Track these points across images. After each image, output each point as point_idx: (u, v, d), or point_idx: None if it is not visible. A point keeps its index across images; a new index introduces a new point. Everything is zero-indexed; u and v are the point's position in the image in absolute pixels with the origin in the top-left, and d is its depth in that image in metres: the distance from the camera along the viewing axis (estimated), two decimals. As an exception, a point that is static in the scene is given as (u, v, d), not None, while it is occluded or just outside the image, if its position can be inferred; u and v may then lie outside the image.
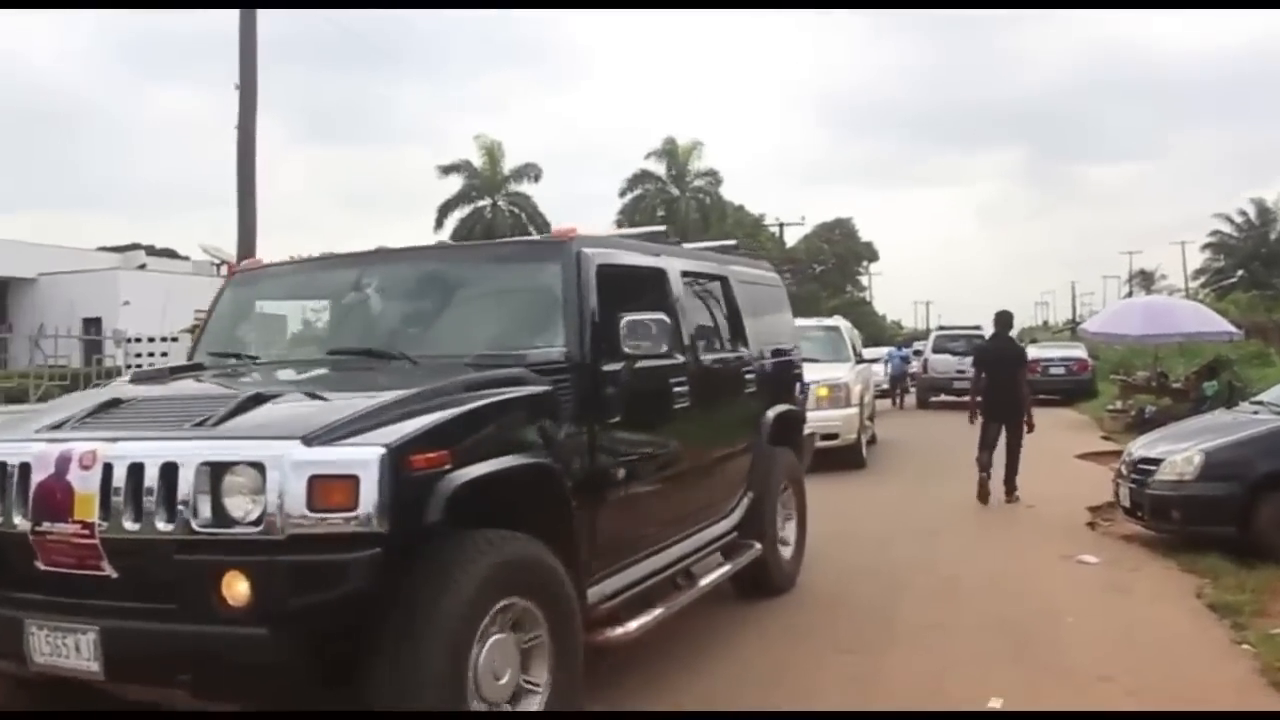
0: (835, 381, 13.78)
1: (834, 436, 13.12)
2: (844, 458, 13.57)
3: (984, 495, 11.08)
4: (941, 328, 36.05)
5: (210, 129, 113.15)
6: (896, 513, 10.89)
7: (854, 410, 14.01)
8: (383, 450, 3.51)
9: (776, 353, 7.64)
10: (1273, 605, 6.57)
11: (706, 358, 6.18)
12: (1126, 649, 5.89)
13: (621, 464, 4.97)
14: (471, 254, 5.67)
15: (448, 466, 3.75)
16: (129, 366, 15.45)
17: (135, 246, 45.11)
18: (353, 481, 3.46)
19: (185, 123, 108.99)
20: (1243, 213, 61.20)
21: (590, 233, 5.54)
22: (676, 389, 5.61)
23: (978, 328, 30.35)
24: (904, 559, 8.44)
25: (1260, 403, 9.42)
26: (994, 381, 11.36)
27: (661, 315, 4.92)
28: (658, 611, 5.22)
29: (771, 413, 7.22)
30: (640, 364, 4.95)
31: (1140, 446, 9.28)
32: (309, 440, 3.56)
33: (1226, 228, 61.59)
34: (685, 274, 6.22)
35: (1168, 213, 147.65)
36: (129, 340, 16.38)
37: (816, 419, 11.92)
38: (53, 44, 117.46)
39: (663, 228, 6.87)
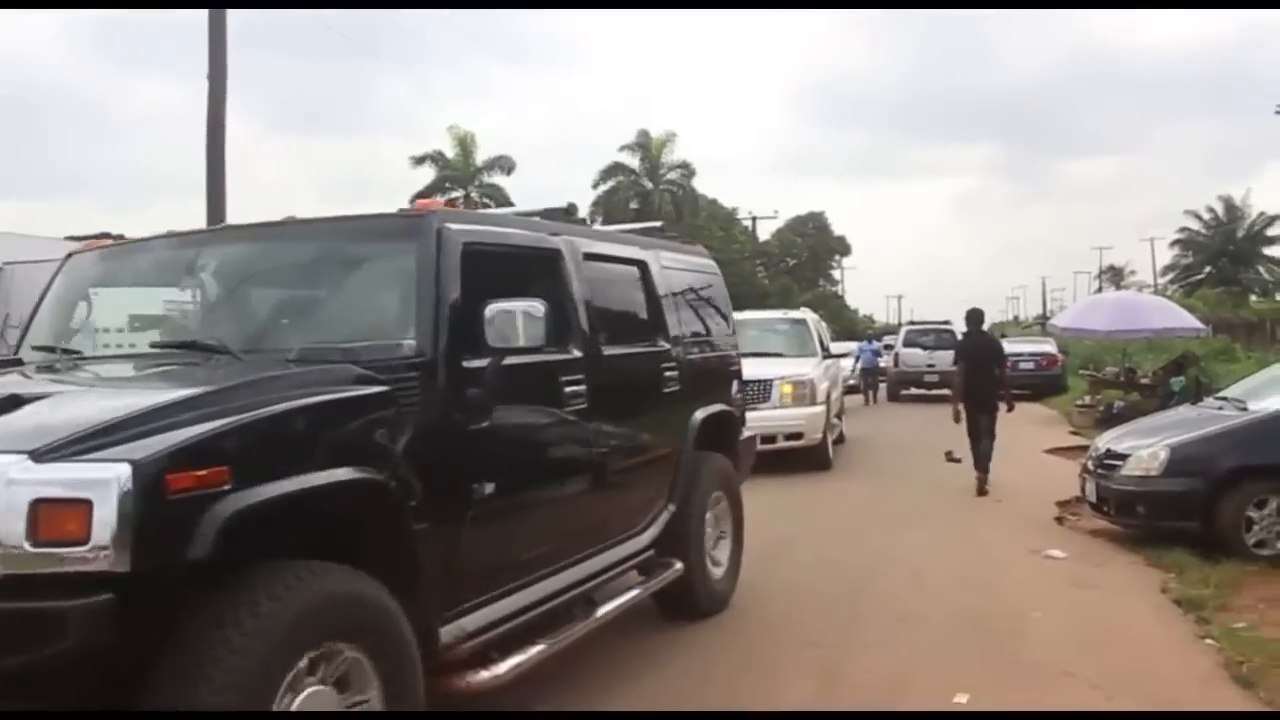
0: (800, 378, 13.22)
1: (798, 436, 12.84)
2: (809, 458, 13.19)
3: (983, 487, 11.49)
4: (912, 322, 36.93)
5: (185, 118, 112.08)
6: (862, 510, 10.88)
7: (820, 409, 13.35)
8: (126, 467, 2.84)
9: (707, 347, 6.96)
10: (1236, 600, 6.65)
11: (612, 352, 5.41)
12: (1091, 644, 5.91)
13: (489, 477, 4.19)
14: (318, 231, 4.76)
15: (226, 486, 3.03)
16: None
17: (104, 235, 44.48)
18: (85, 507, 2.79)
19: (159, 111, 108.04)
20: (1211, 210, 61.72)
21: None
22: (569, 388, 4.88)
23: (947, 323, 31.02)
24: (873, 553, 8.48)
25: (1224, 399, 9.51)
26: (973, 375, 11.85)
27: (536, 303, 4.11)
28: (539, 648, 4.46)
29: (700, 414, 6.43)
30: (515, 360, 4.21)
31: (1106, 441, 9.36)
32: (39, 455, 2.90)
33: (1195, 224, 62.10)
34: (589, 256, 5.51)
35: (1139, 209, 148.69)
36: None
37: (779, 418, 12.59)
38: (24, 29, 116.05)
39: (565, 205, 5.83)
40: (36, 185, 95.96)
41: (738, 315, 15.21)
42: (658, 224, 7.65)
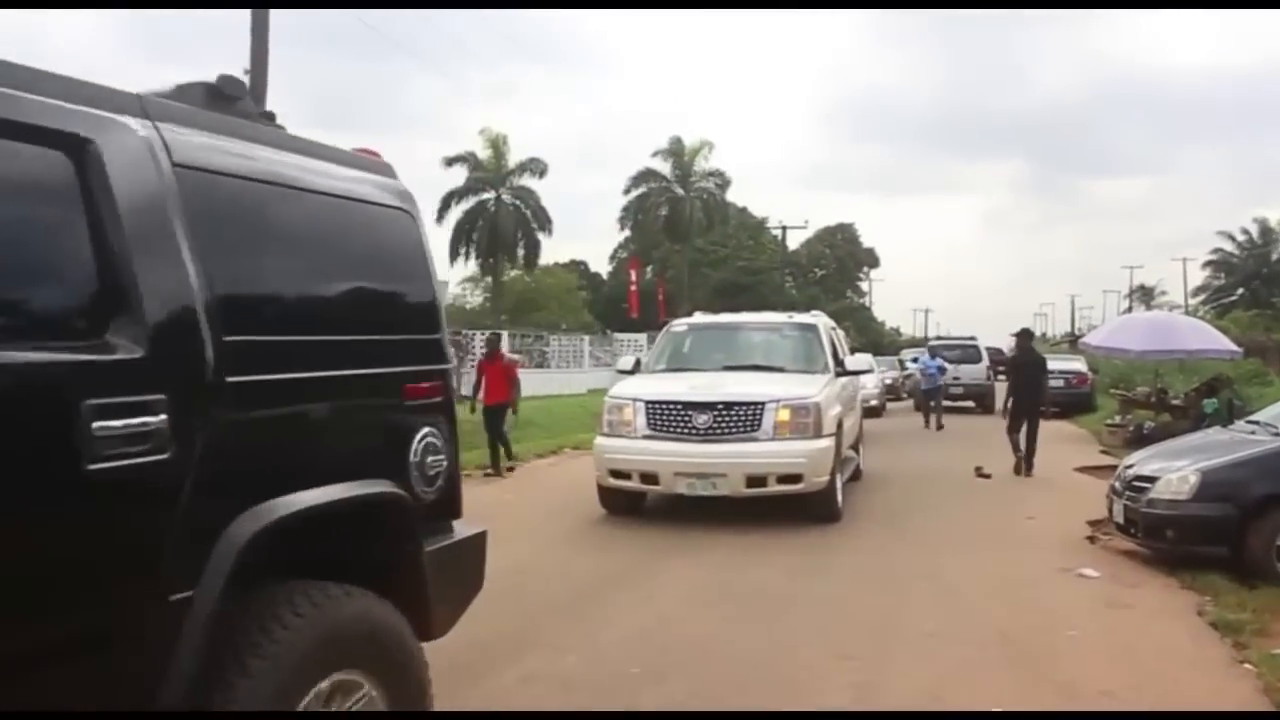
0: (801, 402, 10.01)
1: (796, 479, 9.76)
2: (810, 508, 10.11)
3: (1019, 469, 14.50)
4: (939, 338, 38.09)
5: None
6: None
7: (827, 442, 10.06)
8: None
9: (332, 355, 3.40)
10: (1274, 625, 6.55)
11: None
12: (1127, 664, 5.86)
13: None
14: None
15: None
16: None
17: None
18: None
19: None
20: (1245, 231, 61.40)
21: None
22: None
23: (973, 338, 31.47)
24: (905, 569, 8.43)
25: (1256, 422, 9.37)
26: (1020, 382, 14.86)
27: None
28: None
29: (250, 523, 2.87)
30: None
31: (1135, 463, 9.25)
32: None
33: (1228, 245, 61.79)
34: None
35: (1170, 229, 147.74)
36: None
37: (771, 454, 9.75)
38: (63, 23, 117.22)
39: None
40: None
41: (727, 316, 14.03)
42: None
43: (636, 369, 11.65)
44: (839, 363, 11.79)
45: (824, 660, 5.85)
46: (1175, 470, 8.43)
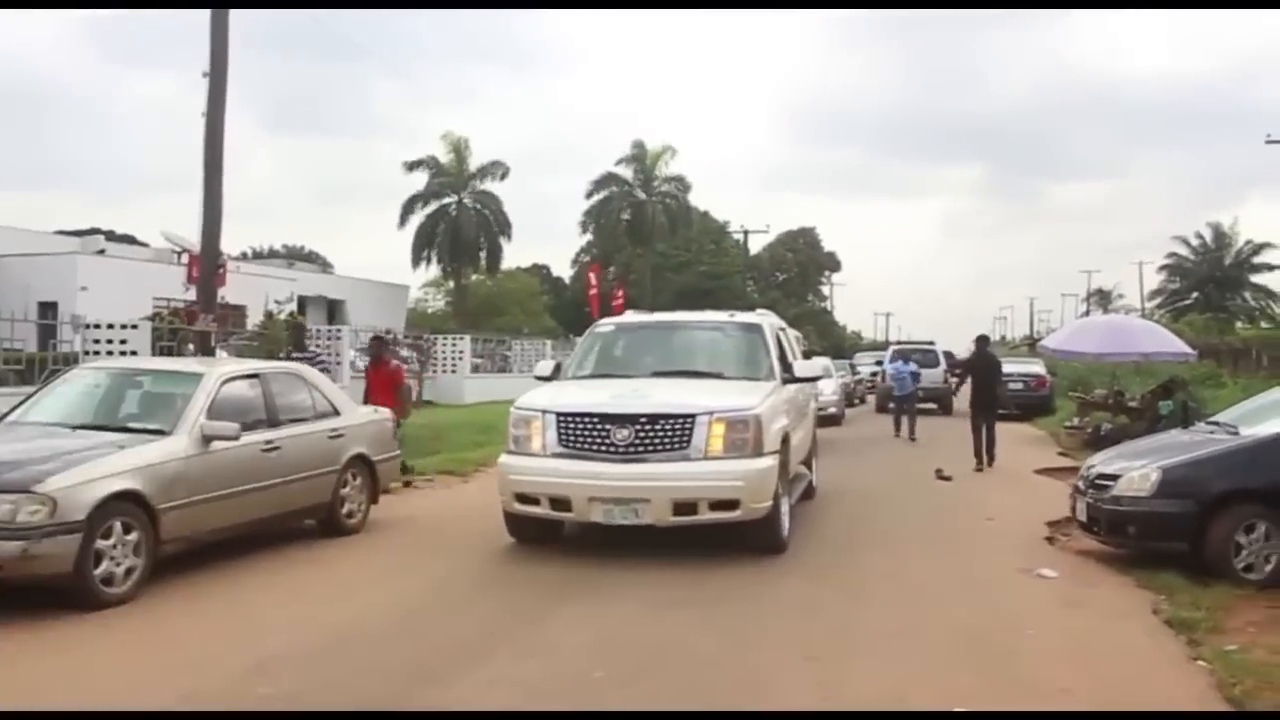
0: (739, 414, 8.44)
1: (732, 505, 8.27)
2: (750, 537, 8.66)
3: (980, 468, 15.45)
4: (899, 342, 40.36)
5: (177, 116, 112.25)
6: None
7: (768, 462, 8.53)
8: None
9: None
10: (1227, 622, 6.69)
11: None
12: (1085, 663, 5.96)
13: None
14: None
15: None
16: (87, 353, 15.25)
17: (94, 231, 44.43)
18: None
19: (151, 109, 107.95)
20: (1200, 236, 62.30)
21: None
22: None
23: (932, 343, 33.16)
24: (870, 570, 8.53)
25: (1216, 423, 9.57)
26: (978, 383, 16.10)
27: None
28: None
29: None
30: None
31: (1099, 462, 9.41)
32: None
33: (1183, 250, 62.63)
34: None
35: (1127, 233, 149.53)
36: (87, 326, 16.13)
37: (702, 476, 8.27)
38: (19, 24, 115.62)
39: None
40: (22, 178, 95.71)
41: (661, 315, 12.25)
42: None
43: (556, 374, 10.12)
44: (787, 368, 10.17)
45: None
46: (1137, 468, 8.59)
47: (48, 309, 24.04)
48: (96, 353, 15.13)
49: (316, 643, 6.17)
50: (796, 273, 79.02)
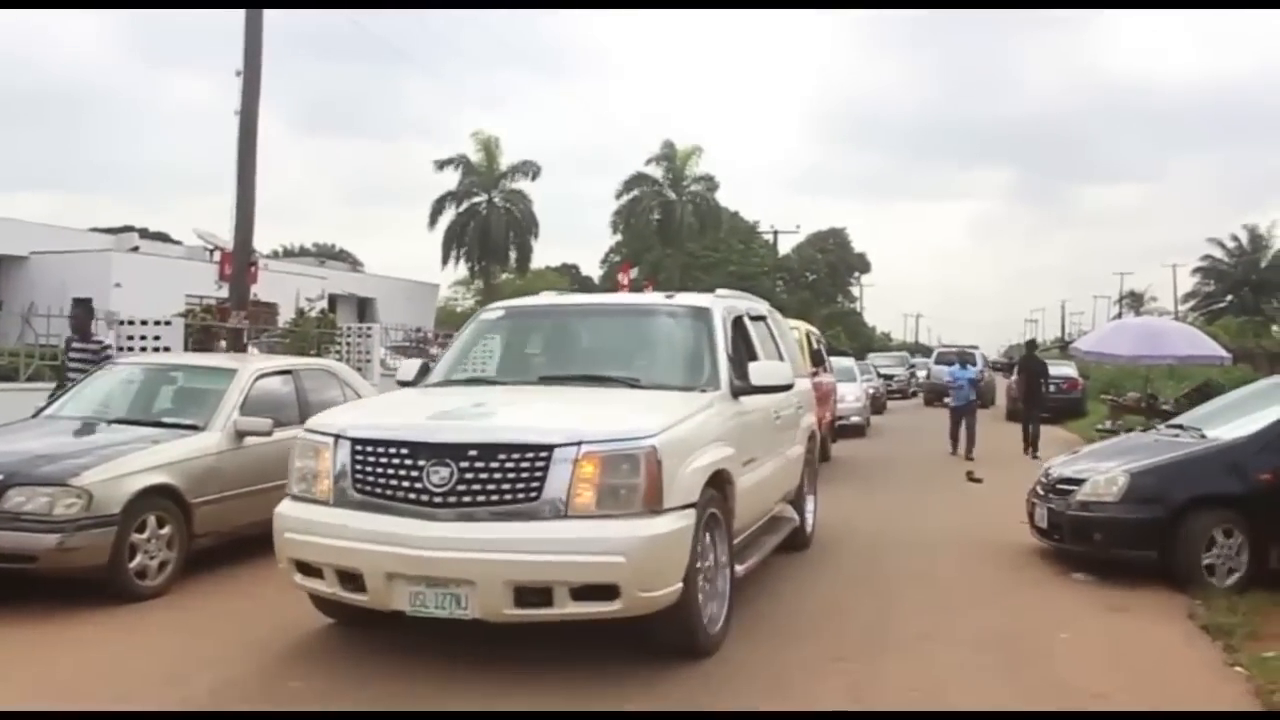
0: (621, 445, 5.39)
1: (608, 593, 5.26)
2: (656, 634, 5.66)
3: (1027, 450, 17.88)
4: (944, 346, 42.49)
5: (210, 117, 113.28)
6: None
7: (669, 524, 5.38)
8: None
9: None
10: (1265, 628, 6.59)
11: None
12: (1120, 667, 5.90)
13: None
14: None
15: None
16: (121, 349, 15.36)
17: (128, 229, 44.90)
18: None
19: (184, 110, 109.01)
20: (1235, 238, 61.71)
21: None
22: None
23: (975, 347, 34.98)
24: (894, 568, 8.46)
25: (1180, 426, 9.34)
26: (1027, 382, 19.03)
27: None
28: None
29: None
30: None
31: (1059, 465, 9.24)
32: None
33: (1218, 252, 62.03)
34: None
35: (1160, 235, 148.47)
36: (121, 322, 16.25)
37: (563, 544, 5.20)
38: (58, 27, 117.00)
39: None
40: (59, 178, 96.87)
41: (576, 297, 10.02)
42: None
43: (423, 376, 7.22)
44: (739, 373, 6.82)
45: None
46: (1102, 472, 8.40)
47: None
48: (129, 349, 15.24)
49: (348, 638, 6.20)
50: (826, 273, 78.65)
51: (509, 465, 5.30)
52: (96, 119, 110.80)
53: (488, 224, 48.54)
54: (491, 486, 5.30)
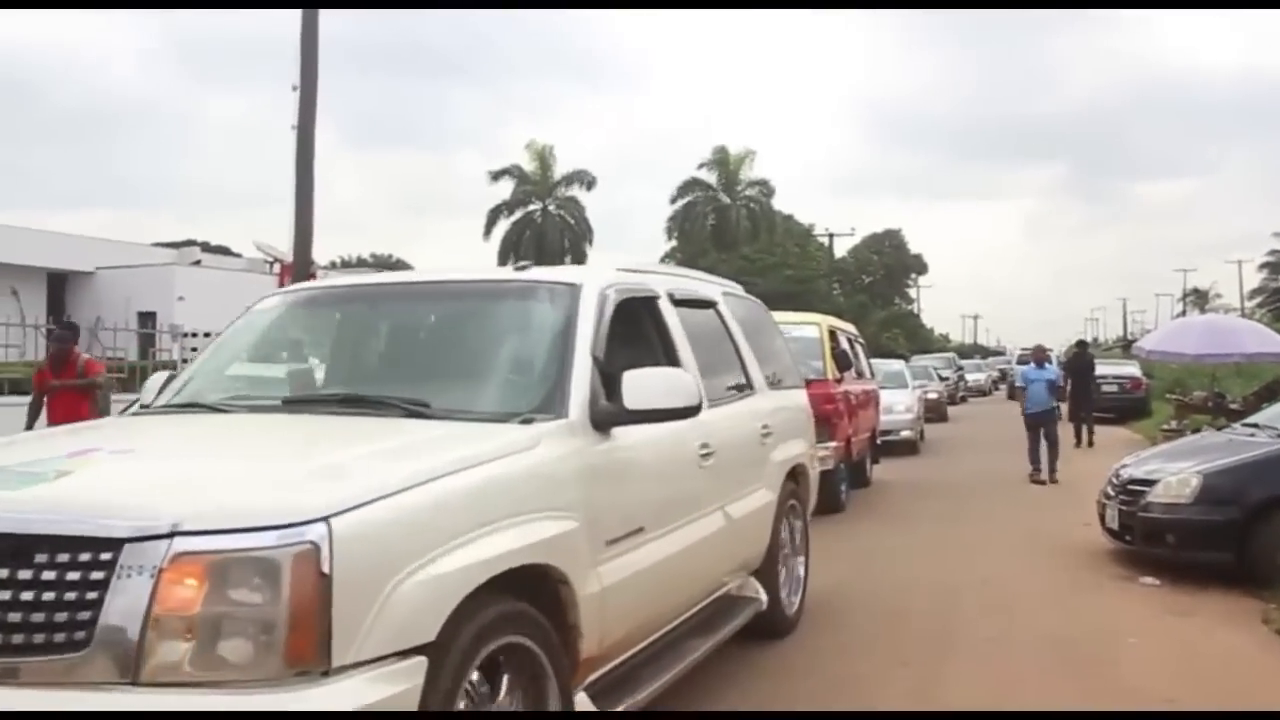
0: (249, 544, 2.60)
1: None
2: None
3: (1078, 444, 18.74)
4: (1024, 348, 43.40)
5: (265, 133, 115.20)
6: None
7: (355, 706, 2.62)
8: None
9: None
10: (1342, 633, 6.42)
11: None
12: (1191, 672, 5.76)
13: None
14: None
15: None
16: (184, 360, 15.64)
17: (190, 243, 45.75)
18: None
19: (241, 127, 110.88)
20: (1303, 232, 60.24)
21: None
22: None
23: (1050, 349, 34.78)
24: (957, 573, 8.34)
25: (1255, 425, 9.12)
26: (1076, 381, 19.61)
27: None
28: None
29: None
30: None
31: (1130, 466, 9.05)
32: None
33: (1286, 247, 60.61)
34: None
35: (1222, 230, 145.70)
36: (185, 335, 16.57)
37: None
38: (114, 46, 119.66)
39: None
40: (120, 194, 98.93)
41: (382, 276, 6.43)
42: None
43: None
44: (617, 394, 4.09)
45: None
46: (1174, 473, 8.21)
47: (147, 318, 24.82)
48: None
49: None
50: (883, 275, 78.16)
51: (46, 576, 2.67)
52: (152, 137, 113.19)
53: (543, 232, 48.83)
54: (17, 617, 2.65)
